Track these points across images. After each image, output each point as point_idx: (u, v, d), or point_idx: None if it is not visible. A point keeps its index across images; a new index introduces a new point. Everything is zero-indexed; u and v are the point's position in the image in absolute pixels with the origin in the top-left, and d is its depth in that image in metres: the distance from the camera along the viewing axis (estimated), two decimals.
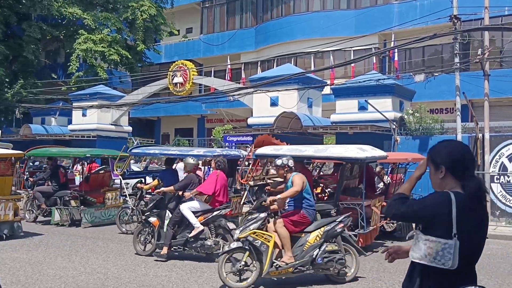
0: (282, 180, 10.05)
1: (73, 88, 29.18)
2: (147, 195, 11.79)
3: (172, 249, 9.18)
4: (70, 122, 27.31)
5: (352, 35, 22.57)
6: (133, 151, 13.14)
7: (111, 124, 25.99)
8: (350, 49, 24.27)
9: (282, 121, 18.59)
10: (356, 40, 20.28)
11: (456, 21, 15.36)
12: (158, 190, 9.88)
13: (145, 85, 26.64)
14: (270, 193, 10.72)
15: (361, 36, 20.40)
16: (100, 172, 14.95)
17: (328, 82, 23.55)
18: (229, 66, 29.87)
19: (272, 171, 13.12)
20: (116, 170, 13.54)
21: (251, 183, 11.72)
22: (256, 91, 20.00)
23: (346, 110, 18.48)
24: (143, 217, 9.73)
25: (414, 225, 7.71)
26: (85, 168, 15.04)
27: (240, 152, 13.08)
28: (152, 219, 9.51)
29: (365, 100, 17.54)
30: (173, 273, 8.07)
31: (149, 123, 38.96)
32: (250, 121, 21.26)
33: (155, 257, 9.17)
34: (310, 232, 7.40)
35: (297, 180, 7.45)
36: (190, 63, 25.17)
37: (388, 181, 12.60)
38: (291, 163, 7.69)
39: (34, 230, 12.21)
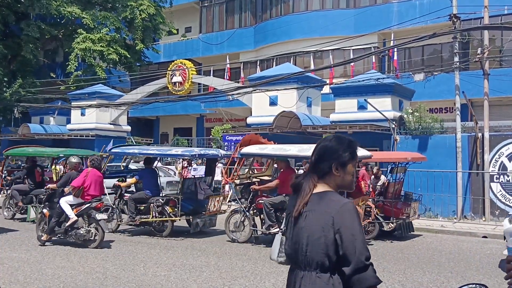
0: (268, 179, 10.98)
1: (72, 88, 29.15)
2: (126, 194, 12.03)
3: (56, 236, 10.38)
4: (68, 121, 27.27)
5: (351, 34, 22.53)
6: (113, 150, 13.35)
7: (110, 124, 25.95)
8: (349, 48, 24.25)
9: (281, 120, 18.57)
10: (355, 39, 20.26)
11: (455, 20, 15.35)
12: (46, 187, 11.46)
13: (144, 85, 26.62)
14: (256, 192, 11.06)
15: (361, 35, 20.36)
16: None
17: (328, 81, 23.53)
18: (228, 66, 29.83)
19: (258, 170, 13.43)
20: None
21: (237, 181, 11.83)
22: (255, 90, 19.98)
23: (346, 109, 18.46)
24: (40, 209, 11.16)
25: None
26: (62, 167, 15.51)
27: (218, 152, 13.28)
28: (44, 211, 10.76)
29: (365, 100, 17.52)
30: (172, 273, 8.04)
31: (148, 122, 38.91)
32: (249, 120, 21.24)
33: (38, 240, 10.39)
34: None
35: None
36: (189, 62, 25.15)
37: (388, 181, 12.58)
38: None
39: (11, 227, 12.49)
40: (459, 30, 15.40)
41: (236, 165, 11.72)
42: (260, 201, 10.76)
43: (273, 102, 19.98)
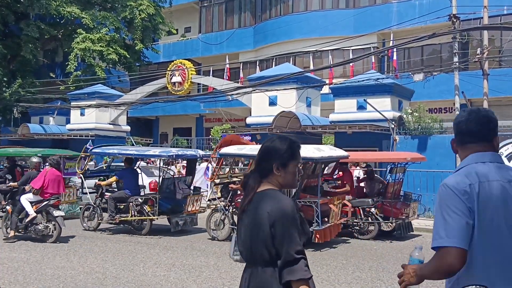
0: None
1: (71, 88, 29.12)
2: (106, 193, 12.36)
3: (18, 232, 10.83)
4: (68, 121, 27.25)
5: (350, 35, 22.54)
6: (94, 151, 13.51)
7: (109, 124, 25.94)
8: (349, 48, 24.26)
9: (281, 120, 18.57)
10: (354, 39, 20.26)
11: (455, 20, 15.38)
12: (7, 185, 12.44)
13: (143, 85, 26.61)
14: (235, 191, 11.38)
15: (360, 35, 20.37)
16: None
17: (327, 81, 23.53)
18: (227, 66, 29.83)
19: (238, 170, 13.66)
20: (77, 169, 13.90)
21: (217, 181, 12.10)
22: (254, 90, 19.98)
23: (345, 109, 18.46)
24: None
25: None
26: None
27: (196, 152, 13.53)
28: (8, 207, 11.40)
29: (364, 100, 17.52)
30: (172, 273, 8.04)
31: (147, 122, 38.90)
32: (249, 120, 21.24)
33: (4, 238, 10.78)
34: None
35: None
36: (188, 62, 25.13)
37: (387, 181, 12.58)
38: None
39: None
40: (458, 30, 15.42)
41: (215, 165, 11.96)
42: (238, 200, 10.99)
43: (272, 102, 19.98)
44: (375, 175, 13.52)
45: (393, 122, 16.85)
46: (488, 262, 2.26)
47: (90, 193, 12.99)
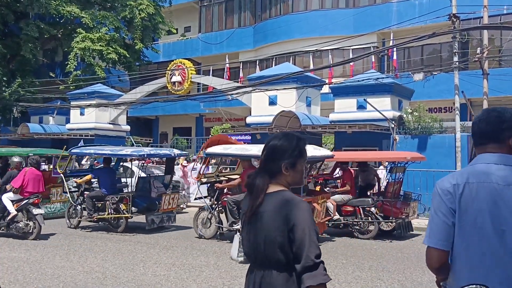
0: (236, 177, 11.55)
1: (71, 87, 29.10)
2: (86, 191, 12.77)
3: (1, 229, 11.21)
4: (68, 121, 27.23)
5: (350, 34, 22.55)
6: (73, 151, 13.85)
7: (109, 123, 25.91)
8: (349, 48, 24.25)
9: (281, 120, 18.56)
10: (354, 39, 20.26)
11: (455, 20, 15.36)
12: None
13: (143, 84, 26.58)
14: (221, 190, 11.54)
15: (360, 35, 20.36)
16: (47, 170, 15.94)
17: (327, 81, 23.52)
18: (227, 65, 29.82)
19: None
20: (59, 169, 14.07)
21: (204, 180, 12.26)
22: (254, 90, 19.97)
23: (345, 109, 18.45)
24: None
25: None
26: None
27: (171, 152, 13.89)
28: None
29: (364, 99, 17.52)
30: (172, 272, 8.04)
31: (147, 122, 38.89)
32: (249, 120, 21.22)
33: None
34: None
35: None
36: (188, 62, 25.11)
37: (387, 181, 12.58)
38: None
39: None
40: (458, 30, 15.41)
41: (201, 164, 12.20)
42: (224, 199, 11.18)
43: (272, 102, 19.97)
44: (369, 165, 13.44)
45: (393, 122, 16.84)
46: (467, 262, 2.26)
47: (70, 192, 13.34)
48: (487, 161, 2.35)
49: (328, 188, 12.62)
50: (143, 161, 15.80)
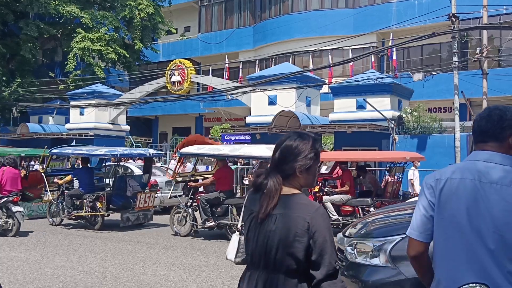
0: (209, 176, 11.99)
1: (71, 87, 29.11)
2: (66, 190, 13.13)
3: None
4: (67, 121, 27.24)
5: (350, 34, 22.58)
6: (53, 151, 14.19)
7: (109, 123, 25.92)
8: (348, 48, 24.26)
9: (280, 120, 18.57)
10: (354, 39, 20.28)
11: (454, 19, 15.37)
12: None
13: (142, 84, 26.59)
14: (196, 188, 11.87)
15: (359, 34, 20.38)
16: (38, 170, 16.19)
17: (326, 81, 23.53)
18: (227, 65, 29.83)
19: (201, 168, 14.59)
20: (40, 168, 14.59)
21: (179, 179, 12.62)
22: (254, 90, 19.99)
23: (345, 109, 18.46)
24: None
25: None
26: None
27: (146, 151, 14.27)
28: None
29: (364, 99, 17.53)
30: (172, 272, 8.05)
31: (147, 122, 38.91)
32: (248, 120, 21.24)
33: None
34: None
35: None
36: (188, 62, 25.14)
37: (386, 181, 12.58)
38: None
39: None
40: (458, 30, 15.42)
41: (176, 163, 12.53)
42: (198, 197, 11.48)
43: (272, 102, 19.98)
44: (366, 171, 13.44)
45: (393, 122, 16.85)
46: (445, 256, 2.29)
47: (51, 191, 13.73)
48: (478, 159, 2.35)
49: (327, 188, 12.62)
50: (141, 161, 15.98)
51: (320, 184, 12.78)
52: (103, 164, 15.83)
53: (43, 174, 13.97)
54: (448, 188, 2.29)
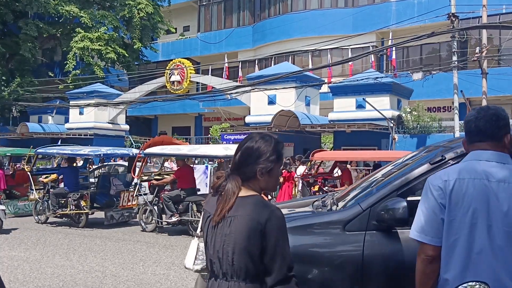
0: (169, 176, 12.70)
1: (70, 86, 29.12)
2: (51, 189, 13.38)
3: None
4: (67, 120, 27.24)
5: (349, 33, 22.57)
6: (38, 151, 14.47)
7: (108, 123, 25.93)
8: (348, 47, 24.27)
9: (280, 119, 18.58)
10: (353, 38, 20.27)
11: (454, 19, 15.38)
12: None
13: (142, 84, 26.60)
14: (161, 186, 12.40)
15: (359, 34, 20.39)
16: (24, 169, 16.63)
17: (326, 80, 23.53)
18: (226, 65, 29.84)
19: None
20: (26, 167, 14.70)
21: (145, 178, 13.26)
22: (253, 89, 19.99)
23: (344, 108, 18.47)
24: None
25: None
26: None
27: (130, 151, 14.71)
28: None
29: (363, 99, 17.54)
30: (172, 272, 8.05)
31: (146, 121, 38.91)
32: (248, 119, 21.24)
33: None
34: None
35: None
36: (187, 61, 25.14)
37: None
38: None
39: None
40: (457, 29, 15.43)
41: (141, 163, 12.96)
42: (162, 195, 11.96)
43: (271, 101, 19.99)
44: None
45: (392, 121, 16.86)
46: (454, 257, 2.28)
47: (36, 189, 13.92)
48: (480, 158, 2.38)
49: (327, 188, 12.63)
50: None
51: (320, 183, 12.81)
52: (102, 164, 15.98)
53: (29, 173, 14.17)
54: (458, 189, 2.28)
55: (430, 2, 22.52)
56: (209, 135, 27.73)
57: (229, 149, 11.10)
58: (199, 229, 2.51)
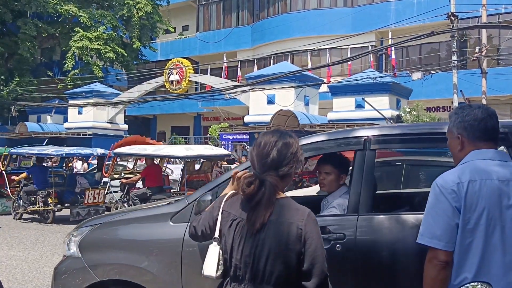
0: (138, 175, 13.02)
1: (69, 86, 29.08)
2: (24, 187, 13.84)
3: None
4: (66, 120, 27.21)
5: (348, 33, 22.54)
6: (11, 150, 14.91)
7: (107, 122, 25.90)
8: (347, 47, 24.25)
9: (279, 119, 18.57)
10: (352, 38, 20.24)
11: (453, 19, 15.38)
12: None
13: (141, 83, 26.58)
14: (131, 184, 12.79)
15: (358, 34, 20.35)
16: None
17: (325, 80, 23.53)
18: (225, 64, 29.84)
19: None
20: (2, 167, 15.08)
21: (116, 176, 13.83)
22: (252, 89, 19.98)
23: (343, 108, 18.47)
24: None
25: None
26: None
27: (94, 151, 15.14)
28: None
29: (362, 98, 17.52)
30: None
31: (145, 121, 38.87)
32: (247, 119, 21.23)
33: None
34: None
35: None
36: (186, 61, 25.13)
37: None
38: None
39: None
40: (457, 29, 15.43)
41: (111, 162, 13.50)
42: (131, 193, 12.38)
43: (270, 101, 19.98)
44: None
45: (391, 121, 16.85)
46: (467, 260, 2.25)
47: (11, 187, 14.42)
48: (484, 157, 2.35)
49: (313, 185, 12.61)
50: (139, 160, 16.20)
51: (307, 181, 12.85)
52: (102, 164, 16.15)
53: (3, 171, 14.57)
54: (472, 191, 2.24)
55: (429, 2, 22.51)
56: (208, 135, 27.71)
57: (191, 150, 11.63)
58: (217, 233, 2.30)
